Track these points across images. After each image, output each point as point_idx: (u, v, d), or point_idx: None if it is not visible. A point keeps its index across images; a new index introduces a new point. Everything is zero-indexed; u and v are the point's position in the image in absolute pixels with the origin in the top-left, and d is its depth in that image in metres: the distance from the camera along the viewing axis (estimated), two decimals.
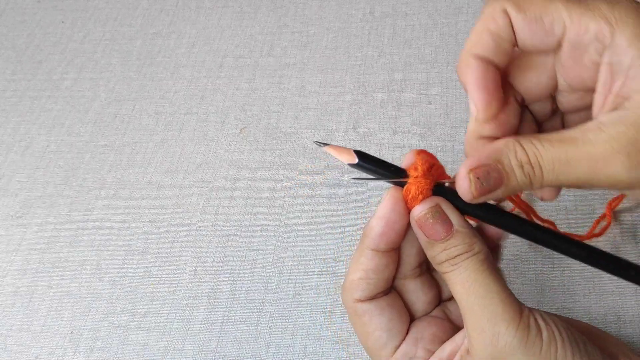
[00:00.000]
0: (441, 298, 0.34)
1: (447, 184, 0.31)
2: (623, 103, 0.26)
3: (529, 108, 0.32)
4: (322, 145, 0.31)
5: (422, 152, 0.31)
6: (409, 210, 0.30)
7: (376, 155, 0.53)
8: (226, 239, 0.50)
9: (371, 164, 0.30)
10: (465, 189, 0.27)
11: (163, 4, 0.69)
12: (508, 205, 0.38)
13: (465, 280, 0.28)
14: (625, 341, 0.40)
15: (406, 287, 0.33)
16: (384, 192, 0.31)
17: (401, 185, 0.30)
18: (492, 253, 0.31)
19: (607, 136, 0.25)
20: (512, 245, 0.45)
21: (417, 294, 0.33)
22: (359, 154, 0.30)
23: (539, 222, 0.33)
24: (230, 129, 0.56)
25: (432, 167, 0.30)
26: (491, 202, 0.30)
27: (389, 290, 0.32)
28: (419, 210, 0.29)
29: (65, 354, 0.46)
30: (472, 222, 0.31)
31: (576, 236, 0.41)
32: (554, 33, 0.28)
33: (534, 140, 0.27)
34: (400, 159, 0.52)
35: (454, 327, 0.32)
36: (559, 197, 0.47)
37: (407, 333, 0.31)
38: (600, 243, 0.44)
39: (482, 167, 0.27)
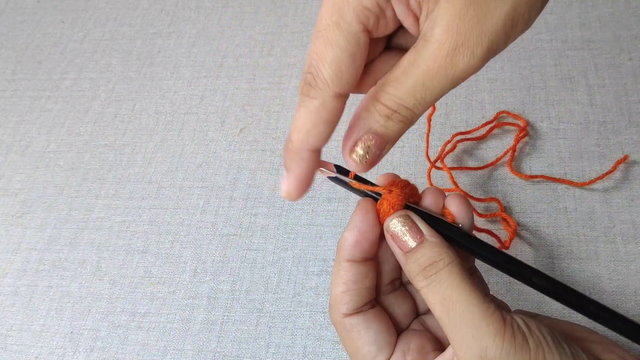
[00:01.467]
0: (418, 312, 0.35)
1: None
2: (433, 9, 0.25)
3: None
4: None
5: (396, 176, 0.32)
6: (381, 224, 0.31)
7: None
8: (226, 239, 0.50)
9: (348, 178, 0.32)
10: (354, 167, 0.28)
11: (163, 4, 0.69)
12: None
13: (443, 299, 0.28)
14: (625, 343, 0.40)
15: (384, 302, 0.33)
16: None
17: (375, 200, 0.32)
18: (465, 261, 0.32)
19: (436, 41, 0.25)
20: (512, 246, 0.45)
21: (394, 308, 0.33)
22: (337, 168, 0.31)
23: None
24: (230, 129, 0.56)
25: (407, 186, 0.31)
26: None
27: (374, 304, 0.32)
28: (390, 220, 0.31)
29: (65, 354, 0.46)
30: None
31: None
32: None
33: (384, 87, 0.27)
34: (400, 159, 0.52)
35: (435, 338, 0.33)
36: (558, 197, 0.47)
37: (395, 346, 0.31)
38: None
39: (358, 141, 0.27)
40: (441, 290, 0.28)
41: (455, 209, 0.32)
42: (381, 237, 0.32)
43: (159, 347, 0.45)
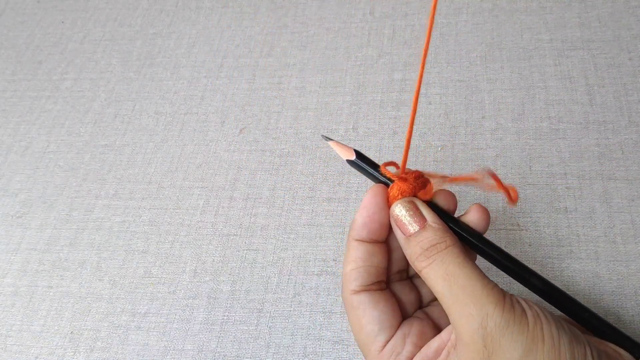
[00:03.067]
0: (422, 304, 0.35)
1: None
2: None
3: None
4: (327, 139, 0.35)
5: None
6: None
7: (376, 155, 0.53)
8: (226, 239, 0.50)
9: (366, 163, 0.34)
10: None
11: (163, 4, 0.69)
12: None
13: (445, 274, 0.29)
14: None
15: (390, 289, 0.34)
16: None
17: (388, 186, 0.33)
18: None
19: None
20: (512, 246, 0.45)
21: (400, 295, 0.34)
22: (357, 153, 0.33)
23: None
24: (230, 129, 0.56)
25: (419, 177, 0.33)
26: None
27: (384, 287, 0.33)
28: (394, 205, 0.32)
29: (65, 354, 0.46)
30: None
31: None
32: None
33: None
34: (400, 159, 0.52)
35: (437, 326, 0.34)
36: (558, 197, 0.47)
37: (397, 329, 0.32)
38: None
39: None
40: (443, 266, 0.29)
41: (473, 217, 0.32)
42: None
43: (159, 347, 0.45)
